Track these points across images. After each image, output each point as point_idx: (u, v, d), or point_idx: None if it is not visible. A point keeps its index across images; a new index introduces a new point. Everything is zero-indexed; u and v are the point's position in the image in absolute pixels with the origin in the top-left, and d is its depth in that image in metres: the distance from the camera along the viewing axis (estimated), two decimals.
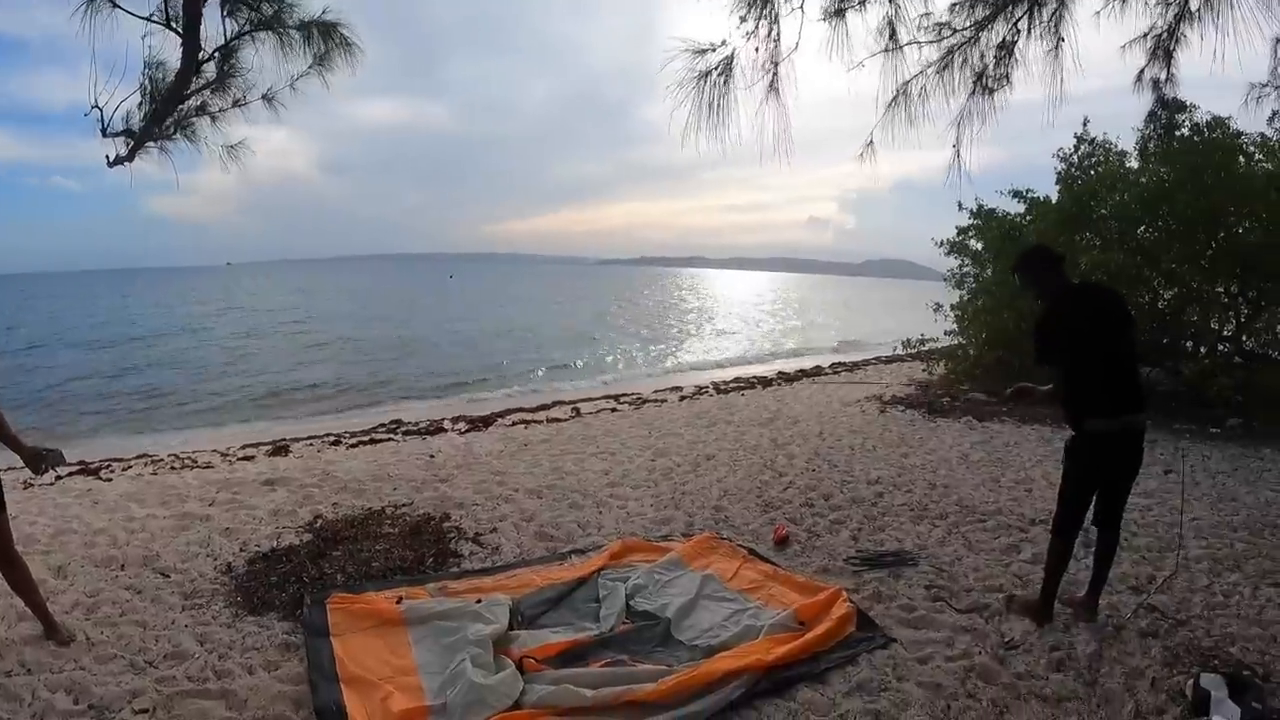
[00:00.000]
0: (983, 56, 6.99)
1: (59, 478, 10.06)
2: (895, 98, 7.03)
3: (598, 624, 5.03)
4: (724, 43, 6.36)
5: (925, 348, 16.37)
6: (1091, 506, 5.15)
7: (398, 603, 5.18)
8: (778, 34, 6.42)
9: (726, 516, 7.46)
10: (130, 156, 7.09)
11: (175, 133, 7.42)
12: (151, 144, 7.36)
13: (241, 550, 6.65)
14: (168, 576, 6.08)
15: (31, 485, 9.52)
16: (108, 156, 7.01)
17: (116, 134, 6.94)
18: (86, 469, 10.88)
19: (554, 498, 8.14)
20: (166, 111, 6.98)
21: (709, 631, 4.91)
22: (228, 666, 4.60)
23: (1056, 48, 6.87)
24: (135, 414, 19.35)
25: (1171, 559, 6.17)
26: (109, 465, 11.16)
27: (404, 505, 7.86)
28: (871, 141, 7.36)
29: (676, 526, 7.21)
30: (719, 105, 6.40)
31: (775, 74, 6.60)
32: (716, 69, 6.40)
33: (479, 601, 5.09)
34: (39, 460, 4.77)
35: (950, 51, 7.00)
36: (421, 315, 54.51)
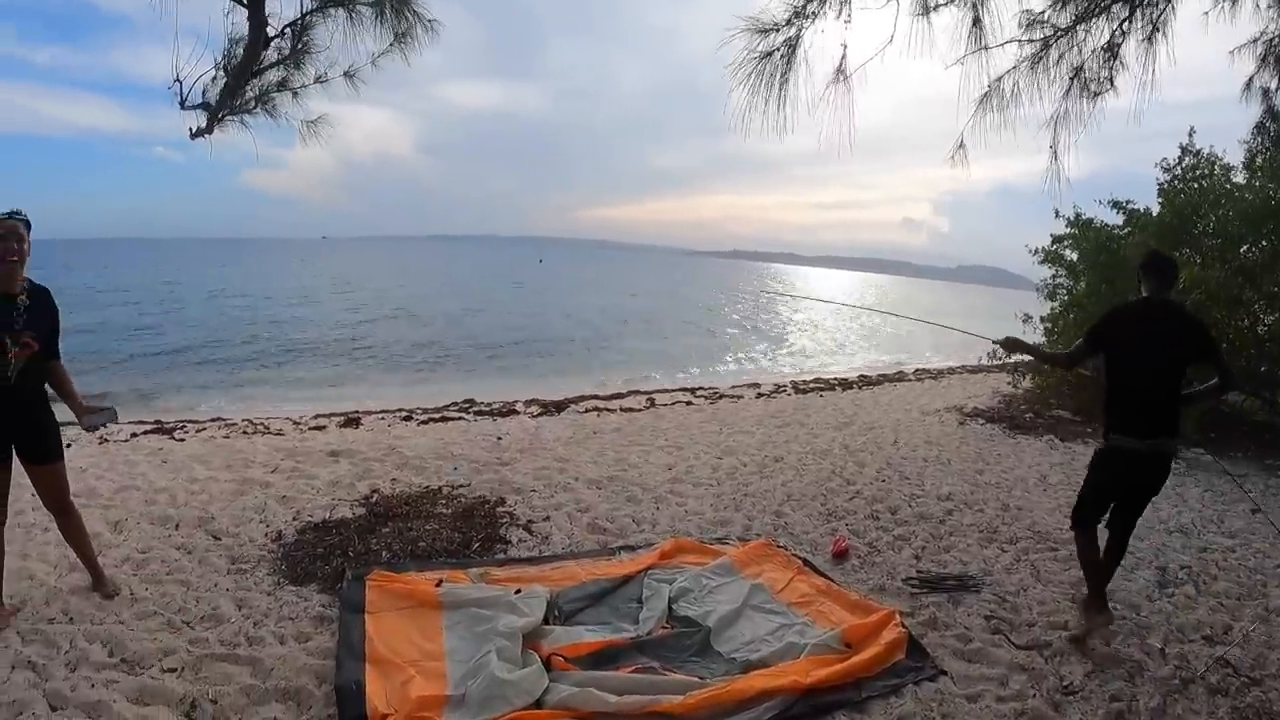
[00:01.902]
0: (1080, 51, 6.62)
1: (134, 435, 10.28)
2: (986, 95, 6.69)
3: (636, 626, 4.86)
4: (789, 22, 6.06)
5: (1012, 360, 15.85)
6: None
7: (437, 585, 5.10)
8: (848, 15, 6.10)
9: (786, 523, 7.22)
10: (209, 129, 7.12)
11: (255, 107, 7.44)
12: (231, 117, 7.38)
13: (294, 519, 6.66)
14: (219, 539, 6.15)
15: (106, 441, 9.72)
16: (190, 129, 7.06)
17: (194, 106, 6.96)
18: (161, 428, 11.09)
19: (613, 490, 8.00)
20: (238, 85, 6.98)
21: (749, 645, 4.70)
22: (260, 634, 4.63)
23: (1157, 50, 6.49)
24: (223, 377, 19.78)
25: (1251, 609, 5.76)
26: (183, 425, 11.35)
27: (461, 486, 7.80)
28: (963, 143, 7.02)
29: (734, 529, 6.99)
30: (780, 88, 6.10)
31: (844, 58, 6.30)
32: (779, 50, 6.10)
33: (518, 592, 4.98)
34: (92, 416, 4.77)
35: (1046, 45, 6.63)
36: (511, 298, 54.76)
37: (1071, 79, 6.64)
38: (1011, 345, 5.81)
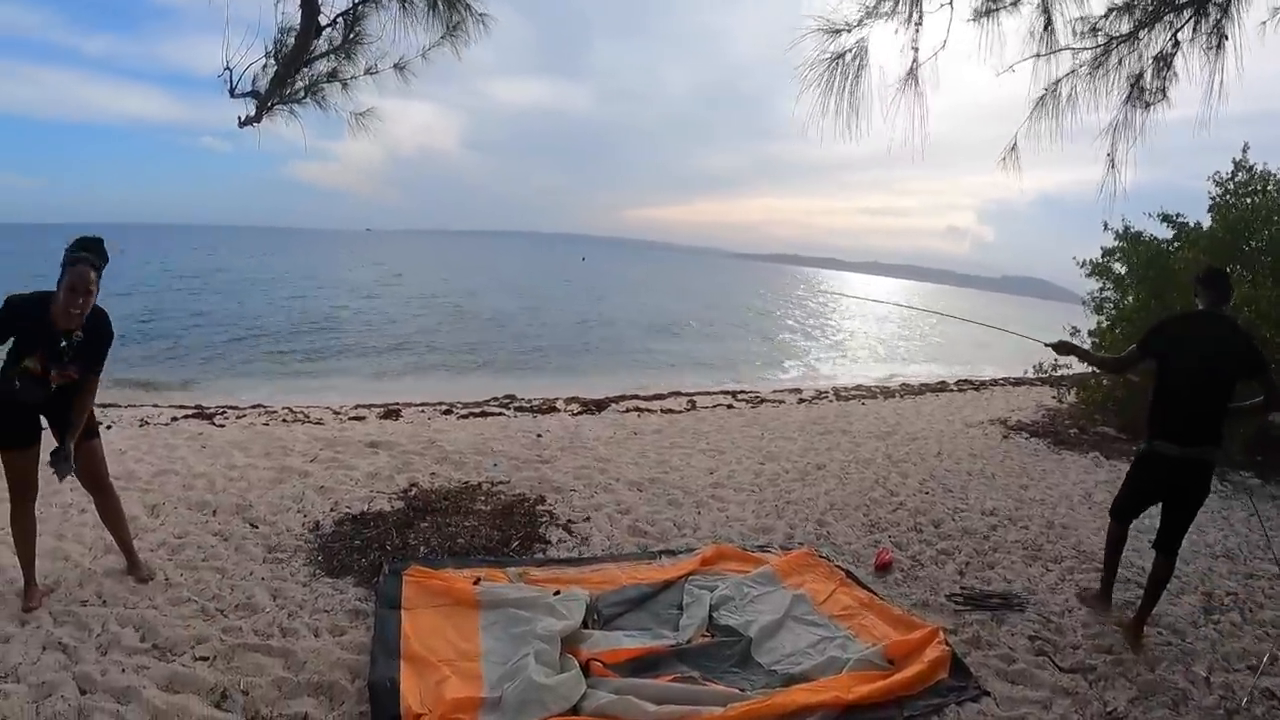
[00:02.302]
0: (1140, 58, 6.46)
1: (174, 419, 10.43)
2: (1042, 98, 6.54)
3: (676, 633, 4.77)
4: (861, 23, 5.96)
5: (1058, 373, 15.59)
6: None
7: (475, 583, 5.05)
8: (919, 17, 6.01)
9: (829, 533, 7.10)
10: (258, 117, 7.14)
11: (305, 97, 7.45)
12: (281, 106, 7.39)
13: (332, 510, 6.65)
14: (256, 527, 6.16)
15: (146, 424, 9.80)
16: (239, 117, 7.09)
17: (244, 94, 6.97)
18: (202, 413, 11.20)
19: (654, 492, 7.91)
20: (287, 74, 6.98)
21: (790, 657, 4.59)
22: (294, 626, 4.61)
23: (1214, 62, 6.31)
24: (269, 365, 20.02)
25: None
26: (224, 411, 11.47)
27: (501, 483, 7.74)
28: (1015, 145, 6.88)
29: (775, 537, 6.87)
30: (851, 91, 6.00)
31: (915, 60, 6.20)
32: (851, 51, 6.01)
33: (557, 593, 4.90)
34: (61, 460, 4.63)
35: (1106, 50, 6.48)
36: (554, 295, 54.80)
37: (1131, 85, 6.49)
38: (1064, 349, 5.96)
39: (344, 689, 3.97)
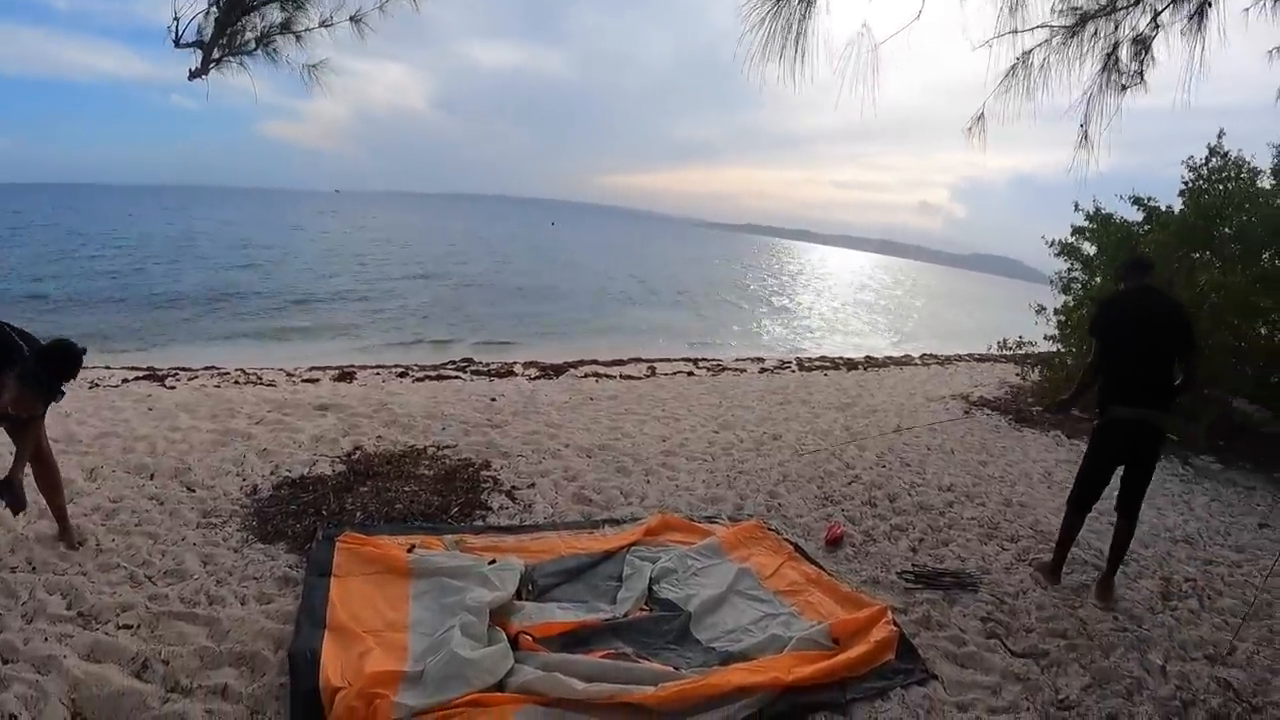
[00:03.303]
0: (1118, 29, 6.27)
1: (125, 381, 10.26)
2: (1013, 68, 6.34)
3: (613, 606, 4.60)
4: None
5: (1022, 350, 15.54)
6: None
7: (409, 550, 4.87)
8: None
9: (780, 505, 6.95)
10: (204, 69, 6.90)
11: (256, 49, 7.22)
12: (230, 58, 7.16)
13: (272, 473, 6.48)
14: (193, 491, 5.98)
15: (98, 385, 9.58)
16: (190, 69, 6.87)
17: (189, 45, 6.72)
18: (154, 374, 10.98)
19: (603, 459, 7.75)
20: (229, 21, 6.72)
21: (731, 634, 4.44)
22: (222, 593, 4.46)
23: (1197, 45, 6.15)
24: (222, 325, 19.62)
25: (1256, 630, 5.47)
26: (175, 373, 11.23)
27: (447, 447, 7.58)
28: (982, 116, 6.68)
29: (725, 508, 6.73)
30: (798, 31, 5.71)
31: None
32: None
33: (492, 562, 4.73)
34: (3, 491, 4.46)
35: (1083, 20, 6.29)
36: (523, 259, 54.39)
37: (1107, 57, 6.31)
38: (1064, 406, 6.48)
39: (266, 660, 3.82)
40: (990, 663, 4.55)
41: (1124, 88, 6.51)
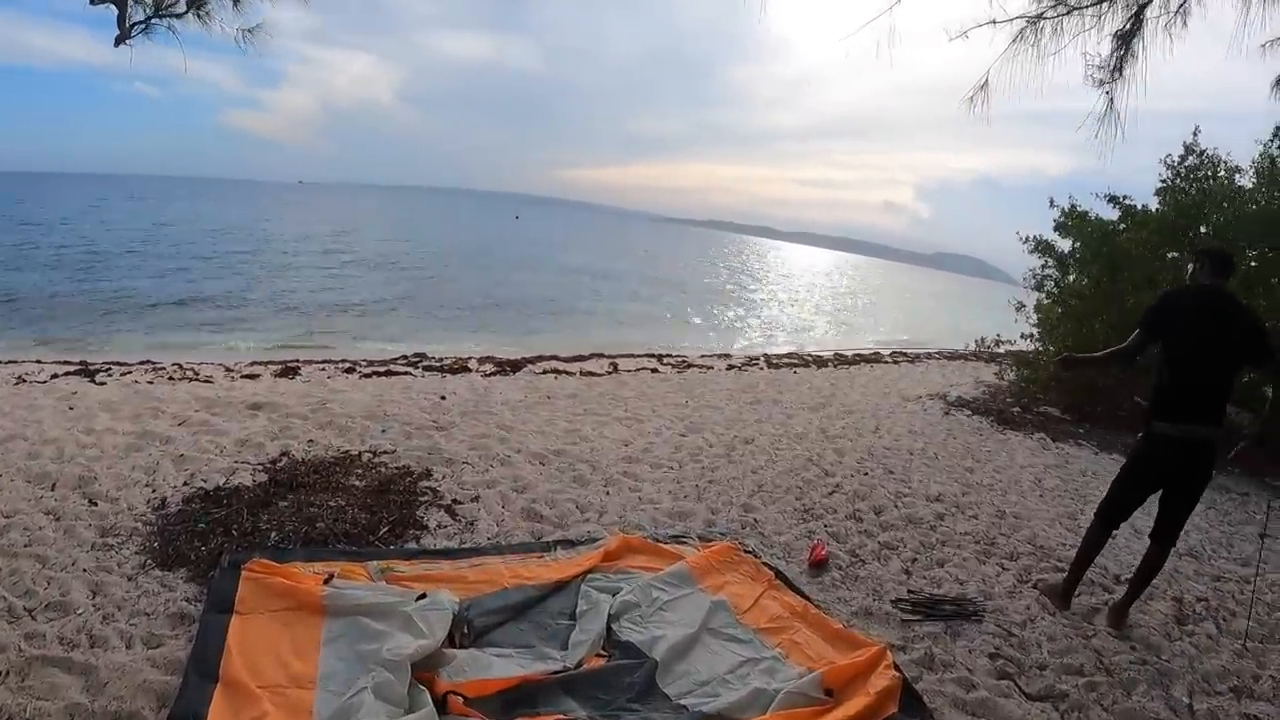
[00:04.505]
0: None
1: (54, 376, 9.60)
2: (1023, 31, 5.85)
3: (564, 652, 3.86)
4: None
5: (999, 349, 15.09)
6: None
7: (325, 581, 4.11)
8: None
9: (756, 519, 6.26)
10: (126, 33, 6.29)
11: (186, 11, 6.66)
12: (158, 21, 6.62)
13: (185, 484, 5.75)
14: (94, 504, 5.26)
15: (24, 381, 9.01)
16: (116, 38, 6.31)
17: (100, 1, 6.10)
18: (85, 369, 10.29)
19: (558, 466, 7.03)
20: None
21: (706, 686, 3.70)
22: (106, 634, 3.76)
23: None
24: (170, 318, 18.75)
25: (1277, 655, 5.04)
26: (108, 369, 10.47)
27: (385, 453, 6.85)
28: (986, 82, 6.17)
29: (694, 524, 6.01)
30: None
31: None
32: None
33: (421, 598, 3.98)
34: None
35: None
36: (489, 252, 53.58)
37: (1133, 16, 5.76)
38: (1070, 363, 5.93)
39: None
40: (1005, 710, 3.95)
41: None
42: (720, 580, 4.82)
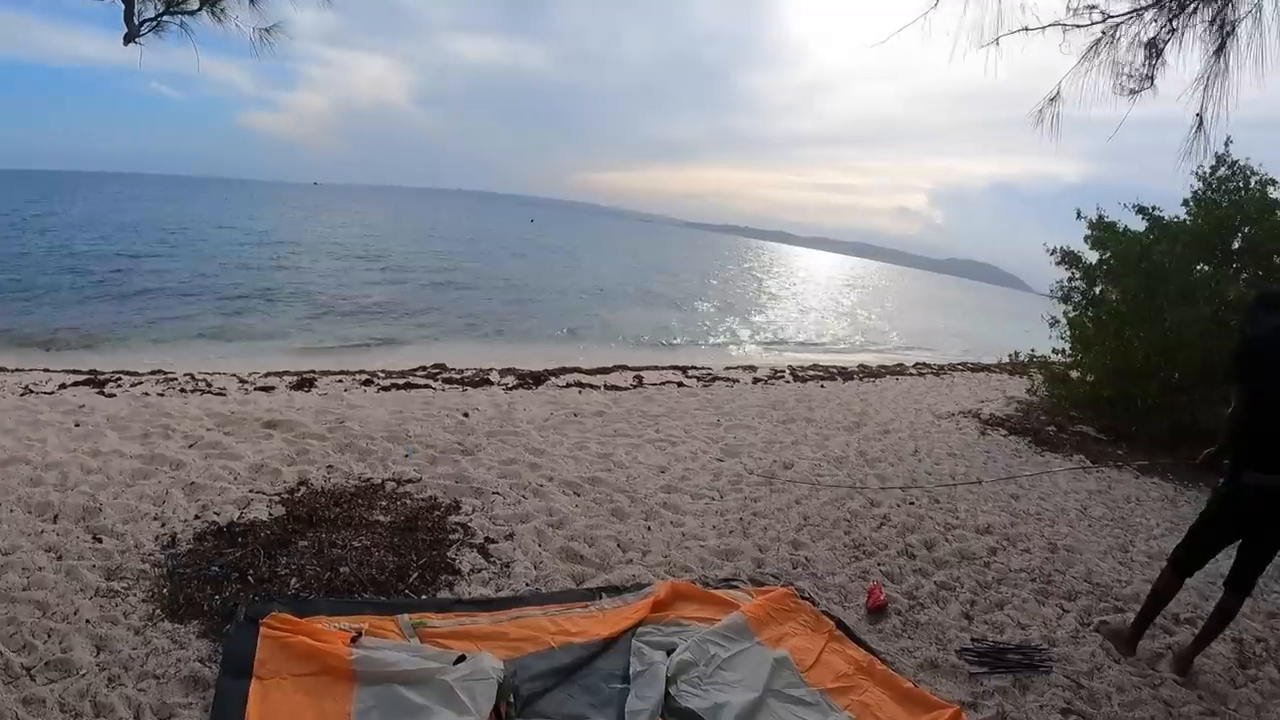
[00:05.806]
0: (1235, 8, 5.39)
1: (63, 386, 9.38)
2: (1098, 42, 5.51)
3: None
4: None
5: (1031, 365, 14.69)
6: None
7: (353, 640, 3.74)
8: None
9: (807, 558, 5.87)
10: (135, 30, 6.08)
11: (200, 8, 6.54)
12: (169, 19, 6.49)
13: (197, 517, 5.37)
14: (99, 541, 4.88)
15: (30, 392, 8.73)
16: (125, 36, 6.09)
17: None
18: (95, 379, 10.02)
19: (595, 497, 6.65)
20: None
21: None
22: (112, 700, 3.39)
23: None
24: (184, 323, 18.44)
25: None
26: (119, 379, 10.21)
27: (409, 481, 6.48)
28: (1058, 94, 5.83)
29: (743, 563, 5.63)
30: None
31: None
32: None
33: (460, 660, 3.59)
34: None
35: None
36: (504, 259, 53.28)
37: (1225, 32, 5.40)
38: (1209, 463, 5.14)
39: None
40: None
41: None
42: (779, 632, 4.46)
